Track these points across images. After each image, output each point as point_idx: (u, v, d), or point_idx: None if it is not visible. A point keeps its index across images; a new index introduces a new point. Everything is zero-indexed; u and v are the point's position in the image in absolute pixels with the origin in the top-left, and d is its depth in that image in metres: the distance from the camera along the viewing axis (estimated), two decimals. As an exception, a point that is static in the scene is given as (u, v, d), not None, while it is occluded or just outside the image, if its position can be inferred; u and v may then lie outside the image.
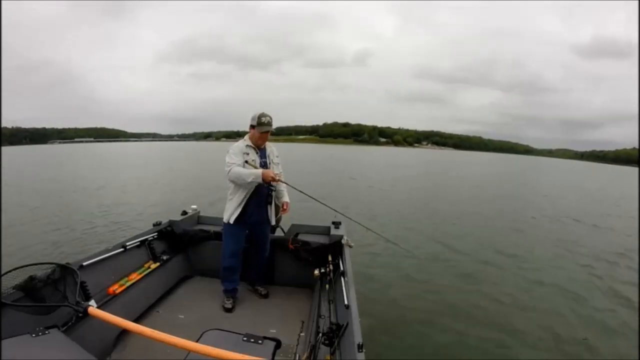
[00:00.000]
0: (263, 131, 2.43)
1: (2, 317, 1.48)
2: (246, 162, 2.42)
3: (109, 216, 7.55)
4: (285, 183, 2.58)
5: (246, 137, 2.54)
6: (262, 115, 2.41)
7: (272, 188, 2.57)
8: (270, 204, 2.60)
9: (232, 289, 2.64)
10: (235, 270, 2.63)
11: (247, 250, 2.70)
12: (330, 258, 2.61)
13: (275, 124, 2.50)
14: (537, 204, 11.71)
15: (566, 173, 36.64)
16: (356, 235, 3.33)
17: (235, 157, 2.40)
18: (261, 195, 2.52)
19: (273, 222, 2.65)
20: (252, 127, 2.46)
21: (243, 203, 2.47)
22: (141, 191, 11.33)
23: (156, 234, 2.87)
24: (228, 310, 2.54)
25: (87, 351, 1.45)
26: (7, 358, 1.26)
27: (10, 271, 1.67)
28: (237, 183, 2.42)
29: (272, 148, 2.62)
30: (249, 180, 2.34)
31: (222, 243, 2.62)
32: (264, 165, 2.50)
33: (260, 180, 2.34)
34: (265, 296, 2.77)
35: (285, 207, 2.63)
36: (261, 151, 2.53)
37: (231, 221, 2.50)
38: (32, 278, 1.68)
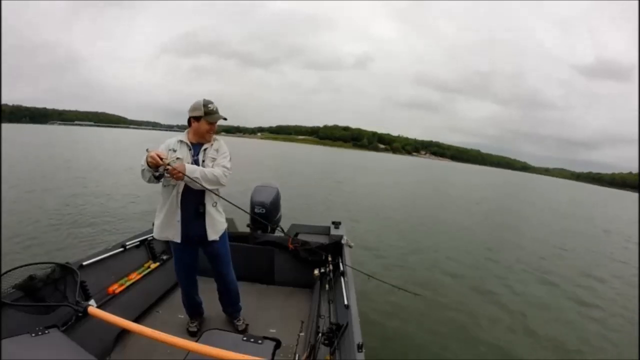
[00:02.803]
0: (213, 120, 1.97)
1: (2, 316, 1.48)
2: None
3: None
4: (183, 174, 1.80)
5: (185, 132, 2.05)
6: (207, 102, 1.96)
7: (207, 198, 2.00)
8: (202, 213, 2.00)
9: (192, 313, 2.33)
10: (191, 293, 2.26)
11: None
12: (330, 258, 2.61)
13: (275, 123, 2.25)
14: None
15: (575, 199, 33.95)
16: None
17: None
18: (189, 203, 1.97)
19: (212, 237, 2.04)
20: (194, 119, 1.97)
21: (172, 215, 1.96)
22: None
23: None
24: (192, 334, 2.20)
25: (87, 351, 1.44)
26: (7, 358, 1.26)
27: (10, 271, 1.67)
28: (143, 180, 1.91)
29: (219, 143, 2.07)
30: (141, 169, 1.86)
31: None
32: (195, 163, 1.96)
33: (146, 166, 1.80)
34: (243, 332, 2.28)
35: (174, 169, 1.79)
36: (195, 147, 2.00)
37: (158, 237, 2.06)
38: (32, 278, 1.68)
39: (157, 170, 1.80)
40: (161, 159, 1.76)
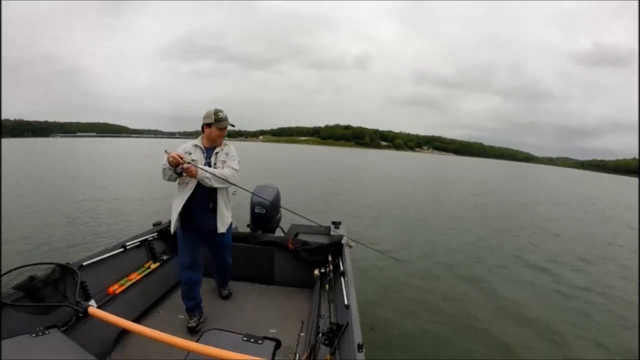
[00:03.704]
0: (222, 127, 2.25)
1: (2, 317, 1.48)
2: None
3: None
4: (196, 166, 2.11)
5: (199, 138, 2.33)
6: (217, 111, 2.24)
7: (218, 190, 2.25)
8: (214, 208, 2.26)
9: (192, 307, 2.36)
10: (193, 284, 2.34)
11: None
12: (330, 258, 2.61)
13: (277, 125, 2.26)
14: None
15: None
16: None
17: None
18: (202, 198, 2.21)
19: (220, 230, 2.28)
20: (207, 125, 2.24)
21: (180, 209, 2.19)
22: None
23: (156, 234, 2.87)
24: (192, 330, 2.27)
25: (87, 351, 1.44)
26: (7, 358, 1.26)
27: (10, 271, 1.67)
28: (164, 178, 2.19)
29: (229, 147, 2.36)
30: (162, 169, 2.13)
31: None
32: (207, 165, 2.24)
33: (167, 165, 2.07)
34: (227, 297, 2.73)
35: (189, 169, 2.09)
36: (208, 151, 2.28)
37: (172, 230, 2.26)
38: (32, 278, 1.69)
39: (176, 168, 2.08)
40: (181, 158, 2.05)
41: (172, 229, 2.26)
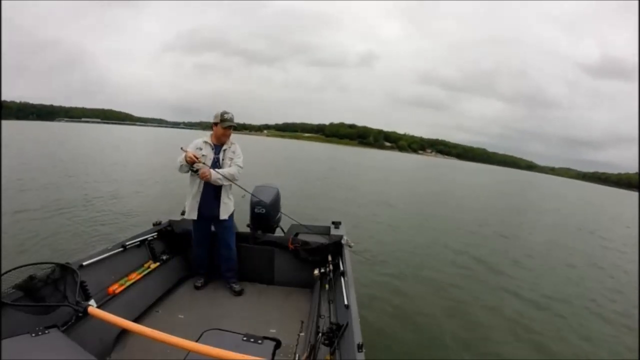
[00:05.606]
0: (226, 126, 2.56)
1: (2, 317, 1.48)
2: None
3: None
4: (212, 169, 2.49)
5: (209, 135, 2.66)
6: (224, 112, 2.58)
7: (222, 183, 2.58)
8: (219, 198, 2.61)
9: (200, 271, 2.88)
10: (202, 255, 2.82)
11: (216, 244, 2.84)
12: (330, 258, 2.61)
13: (281, 120, 2.37)
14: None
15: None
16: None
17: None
18: (209, 190, 2.58)
19: (222, 217, 2.64)
20: (214, 124, 2.58)
21: (197, 198, 2.57)
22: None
23: (156, 233, 2.86)
24: (198, 288, 2.80)
25: (87, 351, 1.45)
26: (7, 358, 1.26)
27: (10, 271, 1.67)
28: (179, 172, 2.54)
29: (235, 146, 2.69)
30: (178, 165, 2.48)
31: None
32: (216, 160, 2.58)
33: (184, 162, 2.42)
34: (239, 293, 2.76)
35: (203, 173, 2.46)
36: (216, 147, 2.63)
37: (186, 217, 2.65)
38: (32, 278, 1.68)
39: (192, 166, 2.44)
40: (196, 158, 2.41)
41: (187, 215, 2.63)
